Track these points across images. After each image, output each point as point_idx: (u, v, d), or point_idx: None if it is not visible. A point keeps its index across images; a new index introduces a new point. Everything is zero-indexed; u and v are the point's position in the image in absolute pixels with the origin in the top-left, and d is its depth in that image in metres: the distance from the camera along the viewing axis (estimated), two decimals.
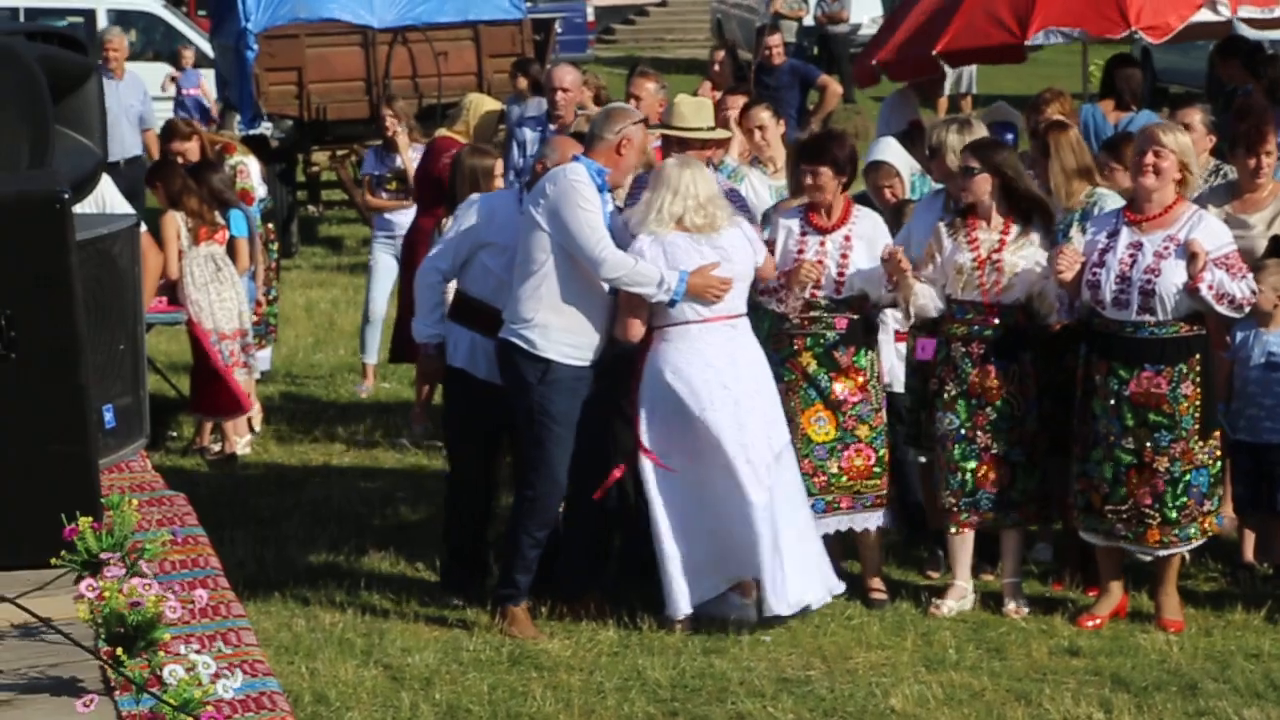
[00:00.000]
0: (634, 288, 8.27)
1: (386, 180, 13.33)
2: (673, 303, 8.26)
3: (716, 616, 8.48)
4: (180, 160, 12.11)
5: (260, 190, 13.10)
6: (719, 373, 8.31)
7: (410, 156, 13.14)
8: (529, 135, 11.53)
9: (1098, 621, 8.54)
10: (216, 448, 11.79)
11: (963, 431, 8.71)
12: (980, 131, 9.45)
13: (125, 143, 16.15)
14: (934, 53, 11.50)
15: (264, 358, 12.71)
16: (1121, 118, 11.10)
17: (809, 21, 32.22)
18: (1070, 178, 9.07)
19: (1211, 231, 8.43)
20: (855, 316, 8.77)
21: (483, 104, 11.96)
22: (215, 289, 11.48)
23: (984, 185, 8.67)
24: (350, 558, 9.66)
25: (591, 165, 8.33)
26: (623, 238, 8.34)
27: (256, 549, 9.75)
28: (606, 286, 8.33)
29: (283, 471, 11.44)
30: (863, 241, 8.74)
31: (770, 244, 8.76)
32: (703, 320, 8.35)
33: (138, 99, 16.81)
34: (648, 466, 8.37)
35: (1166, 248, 8.36)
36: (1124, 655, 8.17)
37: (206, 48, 23.79)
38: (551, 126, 11.38)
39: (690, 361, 8.31)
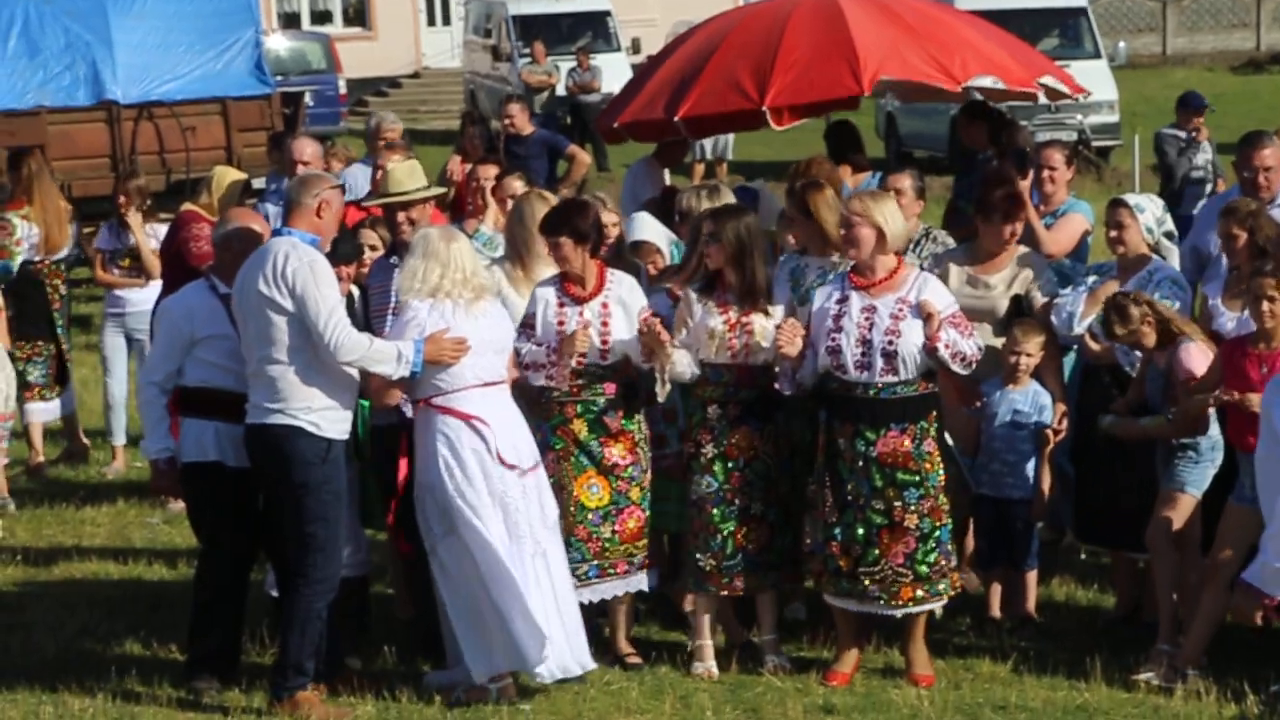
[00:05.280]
0: (373, 367, 8.25)
1: (120, 255, 13.15)
2: (413, 375, 8.26)
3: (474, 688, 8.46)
4: None
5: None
6: (490, 441, 8.33)
7: (145, 236, 12.99)
8: (272, 210, 11.44)
9: (845, 677, 8.67)
10: None
11: (722, 493, 8.79)
12: (728, 197, 9.59)
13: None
14: (676, 119, 11.63)
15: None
16: (860, 180, 11.33)
17: (561, 91, 32.49)
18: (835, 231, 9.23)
19: (938, 292, 8.67)
20: (622, 381, 8.82)
21: (226, 175, 11.82)
22: None
23: (723, 252, 8.79)
24: (100, 641, 9.48)
25: (305, 236, 8.30)
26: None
27: (2, 636, 9.53)
28: None
29: (30, 554, 11.19)
30: (620, 306, 8.80)
31: (530, 317, 8.80)
32: (460, 389, 8.35)
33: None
34: (474, 533, 8.30)
35: (901, 310, 8.55)
36: (877, 711, 8.30)
37: None
38: None
39: (461, 431, 8.31)
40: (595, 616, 8.94)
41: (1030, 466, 9.33)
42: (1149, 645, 8.76)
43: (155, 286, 13.18)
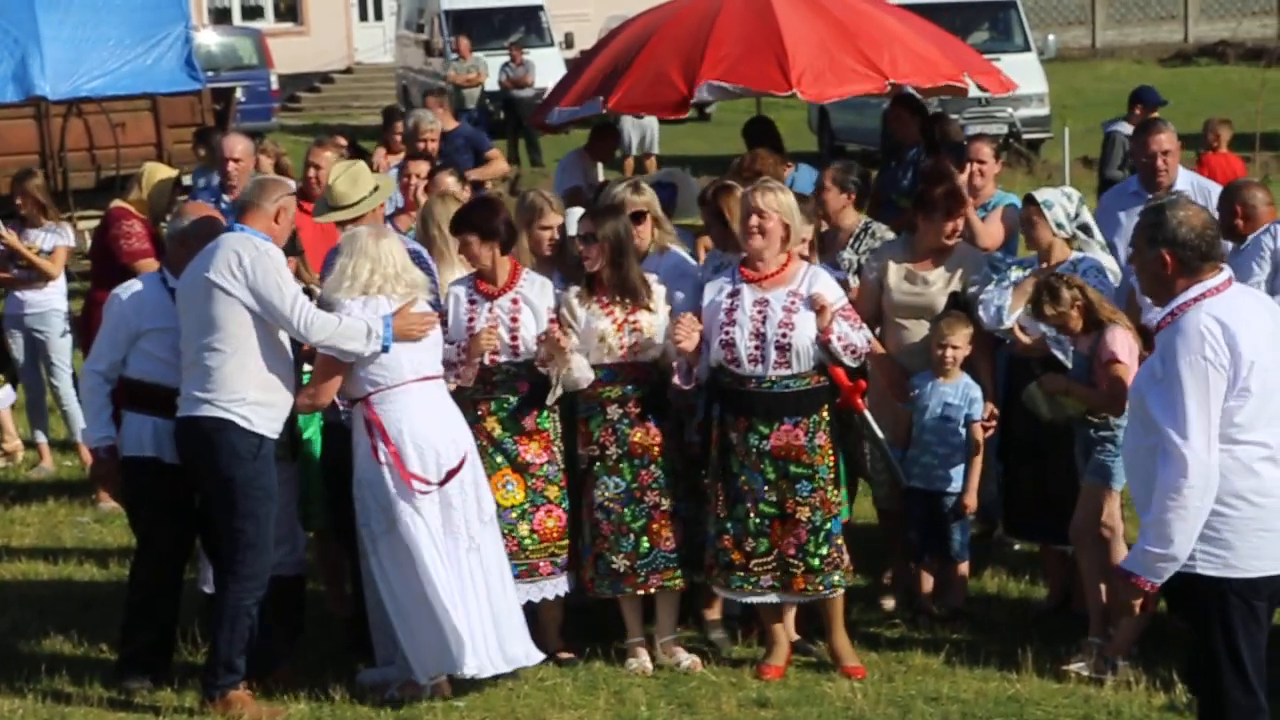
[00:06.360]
0: (345, 344, 8.24)
1: (20, 256, 12.98)
2: (384, 349, 8.25)
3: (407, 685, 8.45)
4: None
5: None
6: (428, 437, 8.31)
7: (23, 246, 12.83)
8: None
9: (778, 670, 8.70)
10: None
11: (631, 492, 8.79)
12: (649, 192, 9.59)
13: None
14: (604, 110, 11.68)
15: None
16: (785, 174, 11.36)
17: (494, 86, 32.43)
18: None
19: (828, 285, 8.72)
20: (537, 379, 8.79)
21: (157, 171, 11.75)
22: None
23: (600, 254, 8.79)
24: (31, 641, 9.42)
25: (257, 234, 8.29)
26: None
27: None
28: (291, 357, 8.33)
29: None
30: (529, 306, 8.78)
31: (442, 315, 8.78)
32: (398, 384, 8.34)
33: None
34: (415, 531, 8.28)
35: (793, 303, 8.59)
36: (810, 704, 8.33)
37: None
38: (226, 197, 11.28)
39: (401, 426, 8.30)
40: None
41: (961, 459, 9.37)
42: (1080, 636, 8.82)
43: (54, 288, 13.10)
